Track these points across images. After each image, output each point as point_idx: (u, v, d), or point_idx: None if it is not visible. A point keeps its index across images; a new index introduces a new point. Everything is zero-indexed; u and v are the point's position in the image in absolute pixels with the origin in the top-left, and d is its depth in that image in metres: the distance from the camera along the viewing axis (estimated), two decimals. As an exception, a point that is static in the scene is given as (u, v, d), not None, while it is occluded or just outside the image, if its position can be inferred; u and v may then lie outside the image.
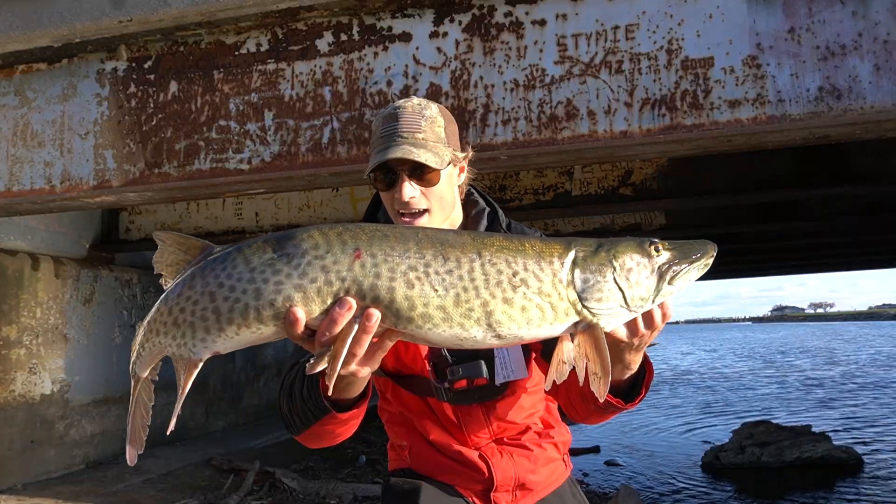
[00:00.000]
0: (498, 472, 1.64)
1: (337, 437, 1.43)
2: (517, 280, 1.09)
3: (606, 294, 1.14)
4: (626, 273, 1.16)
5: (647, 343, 1.29)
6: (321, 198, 6.67)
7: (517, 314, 1.08)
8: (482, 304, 1.07)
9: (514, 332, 1.10)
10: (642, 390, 1.43)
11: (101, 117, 2.99)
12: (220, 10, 2.67)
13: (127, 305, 8.04)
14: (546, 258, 1.13)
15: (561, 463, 1.77)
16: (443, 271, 1.07)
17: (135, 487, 6.65)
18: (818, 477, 8.00)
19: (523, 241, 1.16)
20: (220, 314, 1.04)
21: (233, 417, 9.80)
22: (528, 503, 1.68)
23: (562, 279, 1.12)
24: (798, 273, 19.78)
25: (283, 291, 1.02)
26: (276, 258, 1.04)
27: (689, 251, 1.22)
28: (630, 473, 8.53)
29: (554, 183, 6.04)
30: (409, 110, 1.51)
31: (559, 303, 1.11)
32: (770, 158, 5.64)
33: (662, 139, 2.44)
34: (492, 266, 1.09)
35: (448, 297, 1.05)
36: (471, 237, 1.15)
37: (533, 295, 1.10)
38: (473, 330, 1.07)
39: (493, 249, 1.12)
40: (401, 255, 1.06)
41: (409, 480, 1.68)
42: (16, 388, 6.39)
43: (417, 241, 1.09)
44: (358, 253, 1.04)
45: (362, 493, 6.55)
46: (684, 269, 1.20)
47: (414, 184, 1.49)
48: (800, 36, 2.34)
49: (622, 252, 1.18)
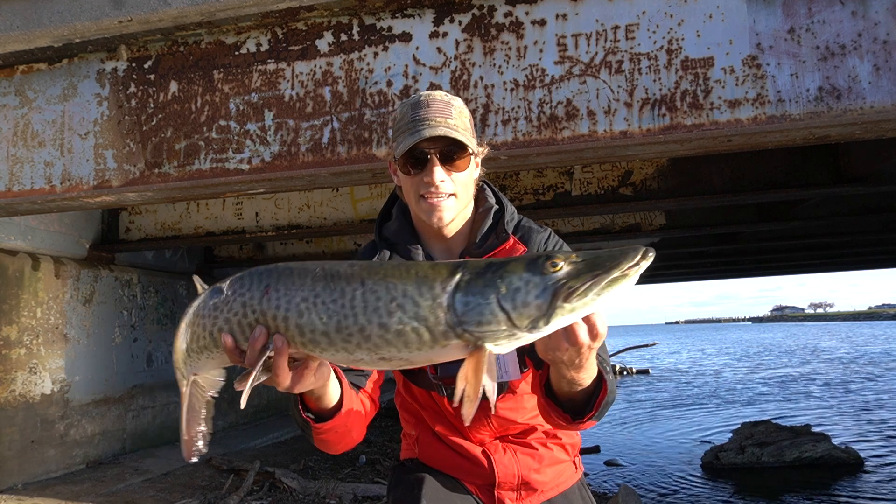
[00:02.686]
0: (499, 469, 1.65)
1: (336, 444, 1.52)
2: (394, 306, 1.12)
3: (488, 317, 1.09)
4: (513, 294, 1.10)
5: (584, 359, 1.23)
6: (321, 198, 6.67)
7: (392, 338, 1.11)
8: (359, 329, 1.12)
9: (395, 355, 1.13)
10: (593, 409, 1.38)
11: (101, 117, 2.99)
12: (220, 10, 2.67)
13: (127, 305, 8.04)
14: (427, 283, 1.14)
15: (570, 465, 1.77)
16: (328, 301, 1.15)
17: (135, 487, 6.65)
18: (818, 477, 8.00)
19: (410, 268, 1.18)
20: (189, 343, 1.33)
21: (233, 417, 9.81)
22: (534, 502, 1.69)
23: (442, 303, 1.11)
24: (798, 273, 19.77)
25: (216, 324, 1.25)
26: (221, 298, 1.27)
27: (596, 264, 1.10)
28: (630, 473, 8.53)
29: (554, 183, 6.04)
30: (439, 98, 1.55)
31: (436, 326, 1.10)
32: (770, 158, 5.64)
33: (662, 139, 2.44)
34: (372, 294, 1.14)
35: (331, 324, 1.14)
36: (360, 268, 1.20)
37: (409, 319, 1.11)
38: (358, 353, 1.14)
39: (376, 278, 1.16)
40: (298, 288, 1.18)
41: (415, 472, 1.71)
42: (16, 387, 6.39)
43: (314, 276, 1.20)
44: (267, 289, 1.21)
45: (362, 493, 6.54)
46: (583, 286, 1.07)
47: (444, 168, 1.53)
48: (800, 36, 2.34)
49: (510, 272, 1.12)
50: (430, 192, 1.53)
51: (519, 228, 1.70)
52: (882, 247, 12.03)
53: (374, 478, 7.27)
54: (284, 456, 8.31)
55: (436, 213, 1.55)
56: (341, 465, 7.87)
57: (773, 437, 8.67)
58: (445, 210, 1.56)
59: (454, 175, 1.55)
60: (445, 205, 1.55)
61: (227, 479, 7.01)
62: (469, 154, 1.55)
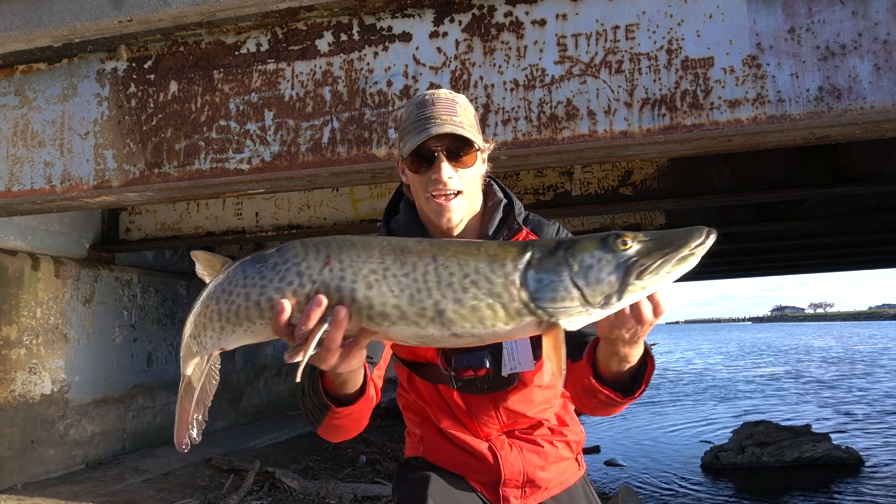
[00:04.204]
0: (505, 465, 1.65)
1: (347, 430, 1.49)
2: (468, 282, 1.14)
3: (562, 293, 1.13)
4: (585, 271, 1.14)
5: (641, 337, 1.28)
6: (321, 198, 6.66)
7: (468, 313, 1.12)
8: (434, 303, 1.13)
9: (468, 331, 1.14)
10: (642, 384, 1.43)
11: (101, 117, 2.99)
12: (220, 10, 2.67)
13: (127, 305, 8.04)
14: (498, 261, 1.16)
15: (574, 462, 1.77)
16: (399, 274, 1.15)
17: (135, 487, 6.65)
18: (818, 477, 8.01)
19: (480, 246, 1.20)
20: (222, 315, 1.23)
21: (232, 417, 9.80)
22: (538, 500, 1.69)
23: (514, 280, 1.14)
24: (798, 273, 19.78)
25: (265, 293, 1.18)
26: (266, 267, 1.20)
27: (666, 242, 1.14)
28: (630, 473, 8.53)
29: (554, 183, 6.04)
30: (443, 97, 1.57)
31: (510, 303, 1.13)
32: (770, 158, 5.64)
33: (662, 139, 2.44)
34: (444, 269, 1.15)
35: (403, 297, 1.13)
36: (429, 244, 1.21)
37: (483, 296, 1.13)
38: (430, 328, 1.14)
39: (447, 254, 1.17)
40: (364, 261, 1.16)
41: (421, 471, 1.70)
42: (16, 387, 6.39)
43: (381, 249, 1.18)
44: (328, 259, 1.17)
45: (362, 493, 6.55)
46: (654, 263, 1.12)
47: (451, 165, 1.55)
48: (800, 36, 2.34)
49: (581, 249, 1.16)
50: (439, 189, 1.55)
51: (528, 221, 1.73)
52: (882, 247, 12.03)
53: (374, 478, 7.27)
54: (284, 456, 8.31)
55: (445, 215, 1.57)
56: (341, 465, 7.87)
57: (774, 437, 8.67)
58: (454, 211, 1.57)
59: (461, 172, 1.56)
60: (454, 205, 1.56)
61: (227, 479, 7.01)
62: (475, 150, 1.57)
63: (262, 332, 1.21)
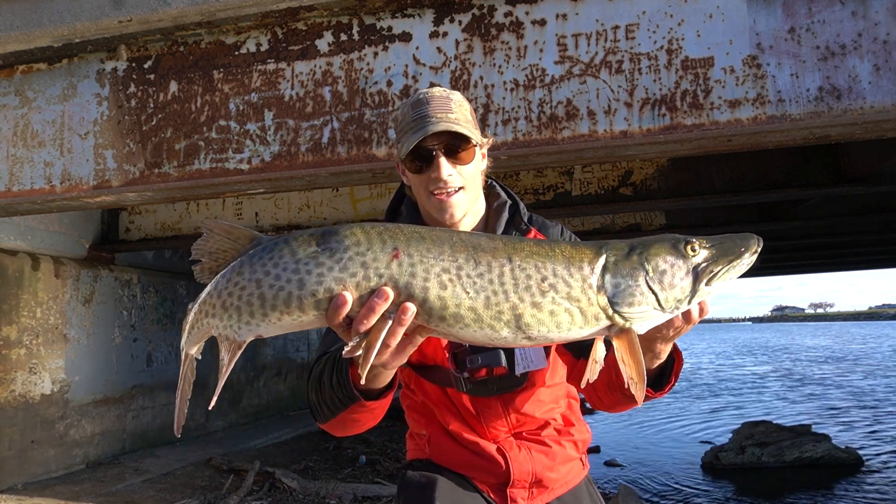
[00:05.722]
0: (515, 467, 1.65)
1: (363, 424, 1.47)
2: (546, 285, 1.12)
3: (639, 298, 1.14)
4: (660, 276, 1.15)
5: (679, 336, 1.30)
6: (321, 198, 6.67)
7: (546, 318, 1.11)
8: (511, 307, 1.10)
9: (543, 335, 1.12)
10: (671, 378, 1.45)
11: (101, 117, 2.99)
12: (220, 10, 2.67)
13: (127, 305, 8.04)
14: (576, 263, 1.15)
15: (578, 462, 1.77)
16: (474, 274, 1.11)
17: (135, 487, 6.65)
18: (818, 477, 8.01)
19: (554, 247, 1.18)
20: (265, 301, 1.11)
21: (232, 417, 9.80)
22: (545, 500, 1.69)
23: (592, 284, 1.14)
24: (798, 273, 19.77)
25: (324, 283, 1.09)
26: (320, 252, 1.11)
27: (728, 249, 1.19)
28: (630, 473, 8.53)
29: (554, 183, 6.04)
30: (438, 94, 1.56)
31: (589, 308, 1.13)
32: (770, 158, 5.64)
33: (662, 139, 2.44)
34: (521, 271, 1.13)
35: (479, 300, 1.10)
36: (503, 242, 1.17)
37: (562, 300, 1.12)
38: (504, 331, 1.11)
39: (523, 255, 1.15)
40: (436, 257, 1.11)
41: (426, 473, 1.69)
42: (16, 388, 6.39)
43: (452, 245, 1.14)
44: (396, 252, 1.10)
45: (362, 494, 6.55)
46: (722, 270, 1.17)
47: (449, 162, 1.54)
48: (800, 36, 2.34)
49: (655, 254, 1.17)
50: (439, 187, 1.54)
51: (533, 222, 1.73)
52: (882, 247, 12.03)
53: (374, 478, 7.27)
54: (284, 456, 8.31)
55: (447, 210, 1.57)
56: (341, 465, 7.87)
57: (774, 437, 8.67)
58: (456, 206, 1.57)
59: (460, 168, 1.56)
60: (455, 200, 1.56)
61: (227, 479, 7.01)
62: (473, 146, 1.56)
63: (314, 323, 1.13)
